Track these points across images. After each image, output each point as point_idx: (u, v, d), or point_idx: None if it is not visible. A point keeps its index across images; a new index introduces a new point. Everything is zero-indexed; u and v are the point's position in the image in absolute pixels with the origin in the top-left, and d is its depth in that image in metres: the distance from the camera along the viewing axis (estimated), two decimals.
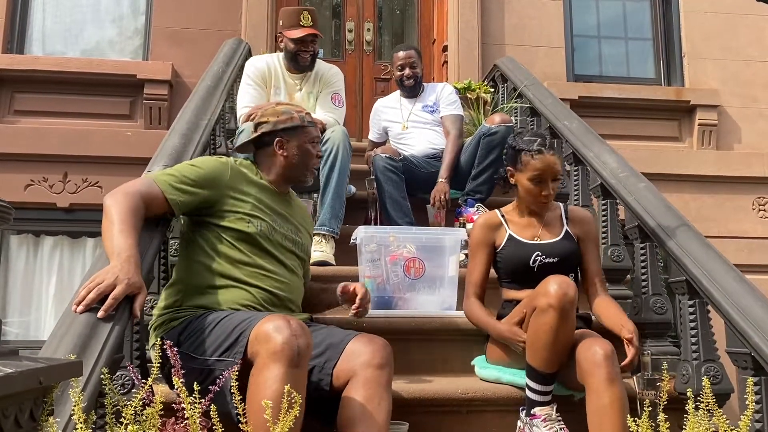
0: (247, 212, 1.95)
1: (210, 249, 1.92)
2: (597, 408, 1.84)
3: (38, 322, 4.46)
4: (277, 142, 2.07)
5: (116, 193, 1.79)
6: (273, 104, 2.19)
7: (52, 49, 4.87)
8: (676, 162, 4.89)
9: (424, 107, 3.68)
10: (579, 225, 2.30)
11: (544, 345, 1.95)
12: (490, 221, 2.34)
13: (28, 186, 4.37)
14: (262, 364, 1.57)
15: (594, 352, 1.89)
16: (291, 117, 2.09)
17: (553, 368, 1.98)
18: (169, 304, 1.91)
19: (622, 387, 1.86)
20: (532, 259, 2.21)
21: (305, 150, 2.09)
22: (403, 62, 3.65)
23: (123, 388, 1.70)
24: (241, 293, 1.88)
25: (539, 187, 2.21)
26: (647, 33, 5.39)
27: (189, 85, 4.42)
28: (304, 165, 2.10)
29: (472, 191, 3.37)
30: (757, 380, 1.84)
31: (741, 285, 2.04)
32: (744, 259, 4.27)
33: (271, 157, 2.09)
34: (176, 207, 1.88)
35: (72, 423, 1.19)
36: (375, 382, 1.75)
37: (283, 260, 2.00)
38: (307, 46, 3.22)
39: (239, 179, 2.00)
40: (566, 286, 1.93)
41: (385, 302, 2.55)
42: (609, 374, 1.85)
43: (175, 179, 1.89)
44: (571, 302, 1.92)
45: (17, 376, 0.94)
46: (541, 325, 1.95)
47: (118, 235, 1.67)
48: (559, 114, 3.49)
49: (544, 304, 1.94)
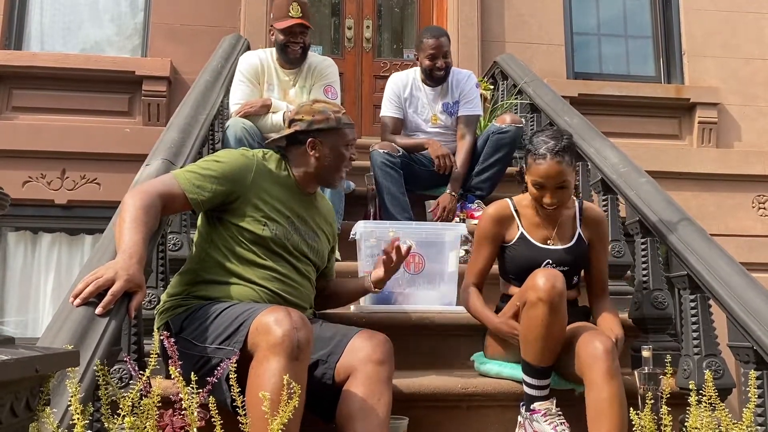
0: (265, 214, 1.92)
1: (223, 246, 1.90)
2: (596, 402, 1.84)
3: (36, 320, 4.45)
4: (309, 142, 2.00)
5: (135, 190, 1.79)
6: (310, 102, 2.12)
7: (51, 45, 4.85)
8: (676, 160, 4.89)
9: (445, 105, 3.47)
10: (592, 227, 2.25)
11: (536, 338, 1.94)
12: (501, 214, 2.24)
13: (26, 183, 4.36)
14: (261, 356, 1.56)
15: (594, 347, 1.88)
16: (327, 118, 2.02)
17: (548, 362, 1.97)
18: (178, 291, 1.90)
19: (621, 382, 1.85)
20: (543, 265, 2.16)
21: (339, 153, 2.03)
22: (435, 51, 3.34)
23: (121, 382, 1.69)
24: (248, 291, 1.87)
25: (540, 193, 2.12)
26: (647, 30, 5.38)
27: (188, 82, 4.39)
28: (335, 168, 2.04)
29: (474, 187, 3.35)
30: (759, 374, 1.83)
31: (743, 279, 2.03)
32: (744, 257, 4.26)
33: (302, 157, 2.03)
34: (197, 205, 1.87)
35: (69, 414, 1.18)
36: (375, 377, 1.75)
37: (296, 265, 1.97)
38: (296, 37, 3.18)
39: (263, 177, 1.96)
40: (554, 278, 1.92)
41: (384, 297, 2.53)
42: (609, 369, 1.84)
43: (197, 176, 1.86)
44: (559, 294, 1.91)
45: (13, 363, 0.93)
46: (532, 319, 1.94)
47: (126, 231, 1.65)
48: (560, 110, 3.48)
49: (533, 297, 1.93)
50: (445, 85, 3.47)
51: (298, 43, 3.19)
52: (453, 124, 3.48)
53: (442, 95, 3.48)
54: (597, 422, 1.83)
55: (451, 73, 3.46)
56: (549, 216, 2.20)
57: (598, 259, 2.26)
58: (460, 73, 3.53)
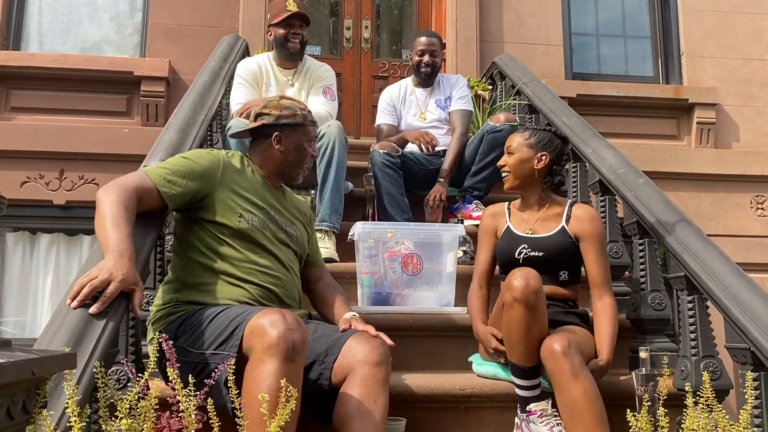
0: (239, 207, 1.94)
1: (203, 246, 1.91)
2: (567, 403, 1.85)
3: (34, 320, 4.44)
4: (275, 136, 2.06)
5: (108, 187, 1.78)
6: (277, 98, 2.19)
7: (49, 46, 4.84)
8: (674, 160, 4.89)
9: (437, 101, 3.64)
10: (580, 222, 2.23)
11: (518, 339, 1.95)
12: (496, 211, 2.39)
13: (24, 183, 4.35)
14: (257, 359, 1.56)
15: (552, 350, 1.90)
16: (294, 114, 2.09)
17: (532, 361, 1.97)
18: (167, 300, 1.90)
19: (588, 378, 1.86)
20: (518, 251, 2.22)
21: (302, 148, 2.09)
22: (424, 48, 3.58)
23: (118, 383, 1.69)
24: (237, 290, 1.88)
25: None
26: (646, 31, 5.38)
27: (186, 82, 4.40)
28: (298, 163, 2.10)
29: (471, 188, 3.35)
30: (756, 375, 1.83)
31: (740, 280, 2.03)
32: (742, 258, 4.27)
33: (266, 151, 2.09)
34: (169, 200, 1.87)
35: (66, 417, 1.18)
36: (372, 379, 1.74)
37: (277, 254, 1.98)
38: (296, 29, 3.22)
39: (232, 172, 2.00)
40: (527, 277, 1.92)
41: (382, 298, 2.54)
42: (572, 368, 1.85)
43: (168, 172, 1.88)
44: (534, 293, 1.91)
45: (9, 366, 0.93)
46: (511, 320, 1.95)
47: (110, 229, 1.65)
48: (558, 111, 3.48)
49: (509, 298, 1.94)
50: (435, 85, 3.66)
51: (297, 34, 3.23)
52: (447, 118, 3.60)
53: (434, 94, 3.65)
54: (572, 424, 1.84)
55: (440, 76, 3.68)
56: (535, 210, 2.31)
57: (589, 257, 2.20)
58: (451, 77, 3.77)
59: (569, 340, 1.91)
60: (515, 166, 2.30)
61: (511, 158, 2.31)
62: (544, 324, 1.97)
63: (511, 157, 2.31)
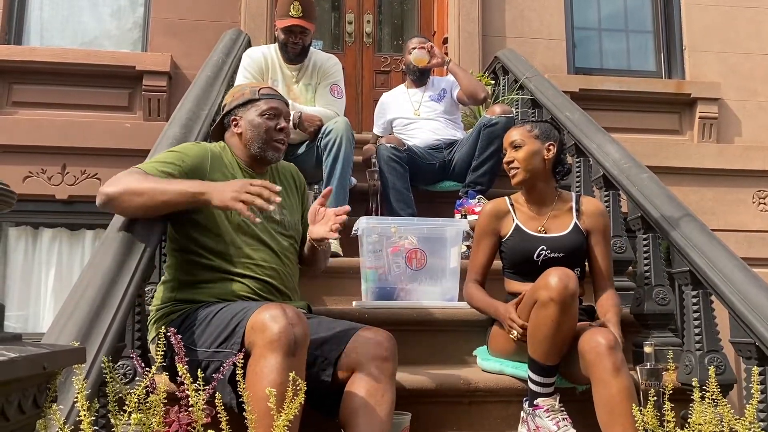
0: None
1: (195, 245, 1.89)
2: (606, 398, 1.82)
3: (37, 315, 4.45)
4: (232, 120, 2.07)
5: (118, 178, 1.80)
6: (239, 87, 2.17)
7: (51, 40, 4.83)
8: (676, 155, 4.88)
9: (432, 96, 3.70)
10: (590, 218, 2.26)
11: (546, 337, 1.94)
12: (497, 209, 2.32)
13: (26, 178, 4.35)
14: (258, 354, 1.56)
15: (597, 343, 1.88)
16: (242, 93, 2.08)
17: (555, 360, 1.97)
18: (165, 299, 1.90)
19: (628, 375, 1.85)
20: (537, 253, 2.19)
21: (257, 123, 2.02)
22: (416, 46, 3.68)
23: (125, 378, 1.69)
24: (235, 285, 1.87)
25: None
26: (648, 26, 5.37)
27: (188, 77, 4.39)
28: (259, 138, 2.02)
29: (473, 183, 3.35)
30: (761, 370, 1.84)
31: (745, 275, 2.03)
32: (743, 252, 4.27)
33: (232, 138, 2.08)
34: None
35: (75, 410, 1.18)
36: (379, 374, 1.75)
37: (270, 244, 1.96)
38: (296, 37, 3.17)
39: (219, 162, 1.99)
40: (567, 278, 1.91)
41: (387, 293, 2.54)
42: (614, 364, 1.83)
43: (163, 164, 1.88)
44: (572, 295, 1.90)
45: (21, 361, 0.93)
46: (542, 318, 1.93)
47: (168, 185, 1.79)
48: (561, 105, 3.48)
49: (545, 297, 1.92)
50: (428, 83, 3.77)
51: (297, 42, 3.19)
52: (443, 109, 3.68)
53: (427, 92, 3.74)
54: (610, 419, 1.81)
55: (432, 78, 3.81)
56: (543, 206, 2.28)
57: (598, 250, 2.23)
58: (443, 78, 3.89)
59: (614, 335, 1.91)
60: (526, 160, 2.25)
61: (520, 152, 2.26)
62: (573, 326, 1.97)
63: (520, 151, 2.26)
